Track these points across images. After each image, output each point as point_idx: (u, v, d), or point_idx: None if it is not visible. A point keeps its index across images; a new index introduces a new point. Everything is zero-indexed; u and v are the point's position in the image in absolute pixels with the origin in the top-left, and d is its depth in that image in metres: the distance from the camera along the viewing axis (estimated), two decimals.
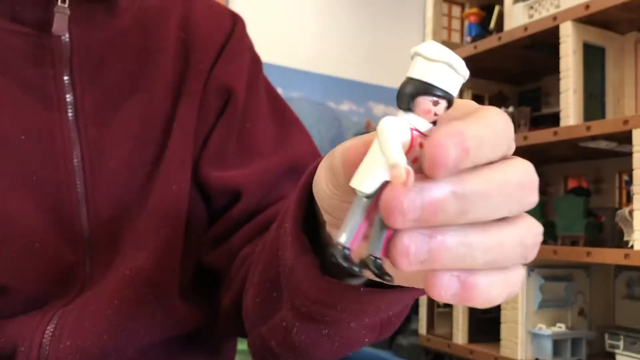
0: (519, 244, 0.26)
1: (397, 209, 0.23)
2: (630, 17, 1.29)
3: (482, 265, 0.25)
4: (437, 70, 0.25)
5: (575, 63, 1.31)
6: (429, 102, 0.25)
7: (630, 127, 1.20)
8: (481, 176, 0.24)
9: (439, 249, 0.24)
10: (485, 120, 0.25)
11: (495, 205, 0.25)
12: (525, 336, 1.37)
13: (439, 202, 0.23)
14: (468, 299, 0.25)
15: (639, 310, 1.40)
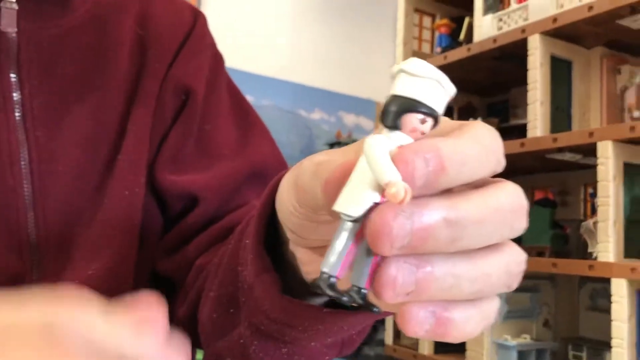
0: (504, 272, 0.25)
1: (386, 234, 0.22)
2: (597, 31, 1.31)
3: (468, 296, 0.24)
4: (423, 87, 0.24)
5: (542, 75, 1.32)
6: (416, 119, 0.24)
7: (595, 139, 1.21)
8: (474, 202, 0.23)
9: (426, 280, 0.23)
10: (469, 136, 0.24)
11: (488, 232, 0.23)
12: (490, 347, 1.37)
13: (430, 229, 0.22)
14: (442, 334, 0.24)
15: (602, 322, 1.41)
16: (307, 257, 0.34)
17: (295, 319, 0.36)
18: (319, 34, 2.73)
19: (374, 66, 2.78)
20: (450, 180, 0.23)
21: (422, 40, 1.74)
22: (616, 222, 1.19)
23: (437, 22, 1.70)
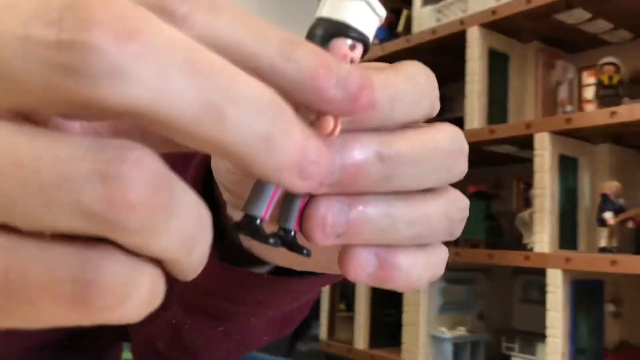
0: (445, 217, 0.23)
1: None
2: (533, 26, 1.32)
3: (406, 240, 0.22)
4: (352, 9, 0.21)
5: (480, 68, 1.33)
6: (346, 45, 0.21)
7: (532, 131, 1.23)
8: (409, 139, 0.22)
9: (359, 220, 0.21)
10: (404, 73, 0.22)
11: (424, 172, 0.22)
12: (426, 340, 1.37)
13: (361, 164, 0.20)
14: (387, 279, 0.22)
15: (534, 313, 1.43)
16: None
17: (234, 290, 0.33)
18: None
19: None
20: (382, 116, 0.21)
21: None
22: (552, 213, 1.20)
23: None
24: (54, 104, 0.15)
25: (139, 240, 0.15)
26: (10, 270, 0.14)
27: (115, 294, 0.15)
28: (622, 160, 1.33)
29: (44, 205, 0.14)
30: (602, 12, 1.23)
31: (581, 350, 1.18)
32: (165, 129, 0.16)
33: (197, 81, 0.15)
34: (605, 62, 1.24)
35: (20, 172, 0.14)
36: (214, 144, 0.16)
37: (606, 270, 1.09)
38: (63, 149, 0.15)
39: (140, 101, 0.15)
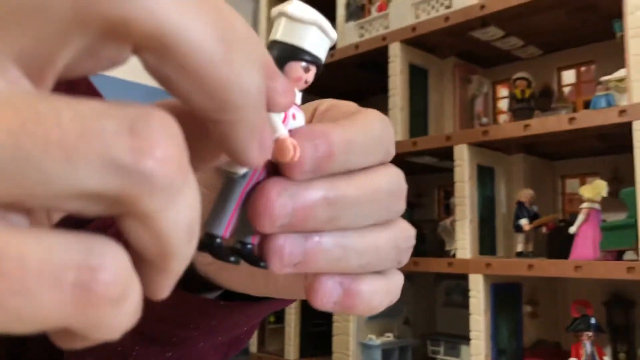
0: (393, 247, 0.25)
1: (268, 213, 0.21)
2: (451, 42, 1.39)
3: (357, 268, 0.24)
4: (306, 33, 0.23)
5: (402, 82, 1.37)
6: (300, 68, 0.23)
7: (452, 143, 1.28)
8: (353, 183, 0.23)
9: (314, 251, 0.23)
10: (361, 123, 0.24)
11: (365, 212, 0.24)
12: (356, 348, 1.39)
13: (310, 208, 0.22)
14: (351, 306, 0.24)
15: (456, 317, 1.49)
16: None
17: (187, 316, 0.33)
18: None
19: None
20: (337, 166, 0.23)
21: None
22: (472, 221, 1.26)
23: None
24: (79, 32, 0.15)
25: (160, 202, 0.15)
26: (6, 254, 0.13)
27: (118, 286, 0.14)
28: (534, 169, 1.41)
29: (66, 161, 0.14)
30: (514, 30, 1.31)
31: (502, 350, 1.24)
32: (180, 63, 0.16)
33: (214, 13, 0.16)
34: (517, 77, 1.32)
35: (40, 127, 0.13)
36: (218, 81, 0.17)
37: (524, 274, 1.16)
38: (84, 105, 0.14)
39: (167, 24, 0.15)
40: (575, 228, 1.14)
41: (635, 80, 1.04)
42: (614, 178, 1.31)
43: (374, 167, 0.25)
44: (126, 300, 0.15)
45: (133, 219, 0.15)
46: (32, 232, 0.14)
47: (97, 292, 0.14)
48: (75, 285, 0.14)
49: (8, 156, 0.13)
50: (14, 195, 0.14)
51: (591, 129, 1.11)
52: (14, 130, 0.13)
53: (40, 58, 0.15)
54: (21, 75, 0.15)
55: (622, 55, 1.11)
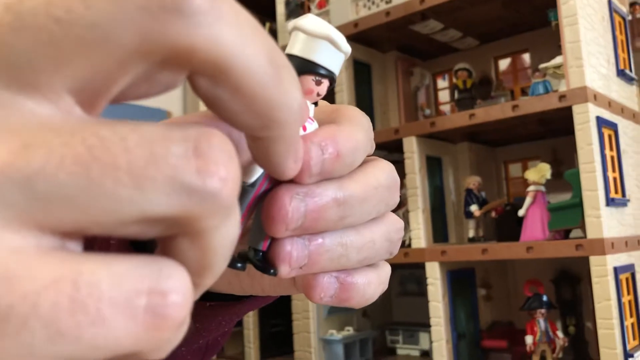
0: (386, 239, 0.26)
1: (281, 217, 0.22)
2: (391, 36, 1.41)
3: (356, 263, 0.25)
4: (318, 47, 0.24)
5: (347, 78, 1.39)
6: (312, 81, 0.24)
7: (400, 135, 1.30)
8: (358, 181, 0.24)
9: (318, 253, 0.24)
10: (355, 122, 0.25)
11: (369, 209, 0.25)
12: (317, 344, 1.40)
13: (322, 210, 0.23)
14: (347, 299, 0.25)
15: (412, 305, 1.53)
16: None
17: None
18: None
19: None
20: (344, 166, 0.23)
21: None
22: (424, 211, 1.29)
23: None
24: (141, 61, 0.15)
25: (218, 220, 0.15)
26: (80, 283, 0.13)
27: (185, 308, 0.14)
28: (479, 156, 1.46)
29: (136, 187, 0.14)
30: (453, 23, 1.34)
31: (461, 334, 1.27)
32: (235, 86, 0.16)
33: (263, 39, 0.17)
34: (459, 67, 1.36)
35: (108, 154, 0.13)
36: (268, 100, 0.17)
37: (478, 258, 1.19)
38: (146, 129, 0.14)
39: (229, 51, 0.16)
40: (524, 211, 1.18)
41: (572, 67, 1.09)
42: (554, 160, 1.37)
43: (368, 162, 0.26)
44: (186, 322, 0.15)
45: (185, 237, 0.16)
46: (102, 259, 0.14)
47: (168, 316, 0.14)
48: (148, 310, 0.14)
49: (79, 186, 0.13)
50: (81, 224, 0.14)
51: (533, 115, 1.15)
52: (81, 158, 0.13)
53: (96, 86, 0.15)
54: (74, 103, 0.15)
55: (555, 43, 1.16)
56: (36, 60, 0.14)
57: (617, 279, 1.04)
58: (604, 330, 1.02)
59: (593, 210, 1.04)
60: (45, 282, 0.13)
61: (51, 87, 0.14)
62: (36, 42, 0.14)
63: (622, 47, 1.28)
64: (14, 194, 0.13)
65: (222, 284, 0.33)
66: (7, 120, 0.14)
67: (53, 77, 0.14)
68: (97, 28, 0.14)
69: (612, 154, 1.14)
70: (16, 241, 0.13)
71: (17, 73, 0.14)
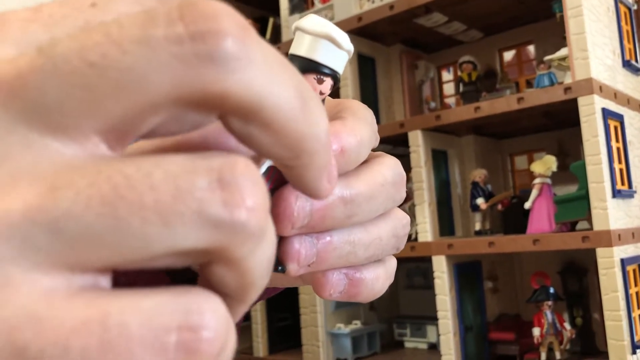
0: (392, 235, 0.26)
1: (287, 216, 0.22)
2: (395, 29, 1.40)
3: (363, 260, 0.25)
4: (318, 45, 0.24)
5: (352, 72, 1.38)
6: (314, 80, 0.24)
7: (405, 129, 1.30)
8: (364, 179, 0.24)
9: (326, 251, 0.24)
10: (358, 116, 0.25)
11: (376, 206, 0.25)
12: (325, 338, 1.40)
13: (328, 208, 0.23)
14: (355, 294, 0.25)
15: (419, 299, 1.53)
16: None
17: None
18: None
19: None
20: (349, 162, 0.23)
21: None
22: (430, 204, 1.29)
23: None
24: (172, 102, 0.15)
25: (250, 247, 0.15)
26: (109, 324, 0.13)
27: (219, 340, 0.14)
28: (484, 149, 1.46)
29: (164, 224, 0.14)
30: (457, 15, 1.34)
31: (468, 327, 1.28)
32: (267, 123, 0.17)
33: (291, 74, 0.17)
34: (463, 60, 1.35)
35: (134, 192, 0.14)
36: (297, 133, 0.17)
37: (485, 251, 1.19)
38: (170, 162, 0.14)
39: (261, 94, 0.16)
40: (530, 203, 1.18)
41: (577, 58, 1.09)
42: (560, 152, 1.36)
43: (373, 159, 0.26)
44: (227, 348, 0.15)
45: (220, 264, 0.16)
46: (131, 296, 0.14)
47: (201, 350, 0.14)
48: (178, 347, 0.14)
49: (107, 226, 0.13)
50: (111, 262, 0.14)
51: (538, 107, 1.15)
52: (107, 198, 0.14)
53: (125, 127, 0.15)
54: (101, 141, 0.15)
55: (560, 34, 1.16)
56: (67, 104, 0.14)
57: (624, 270, 1.04)
58: (611, 321, 1.02)
59: (599, 202, 1.04)
60: (75, 324, 0.13)
61: (80, 129, 0.15)
62: (68, 86, 0.14)
63: (627, 37, 1.28)
64: (42, 237, 0.13)
65: None
66: (34, 163, 0.14)
67: (83, 120, 0.15)
68: (132, 73, 0.14)
69: (618, 146, 1.13)
70: (46, 283, 0.13)
71: (47, 116, 0.14)
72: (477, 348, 1.29)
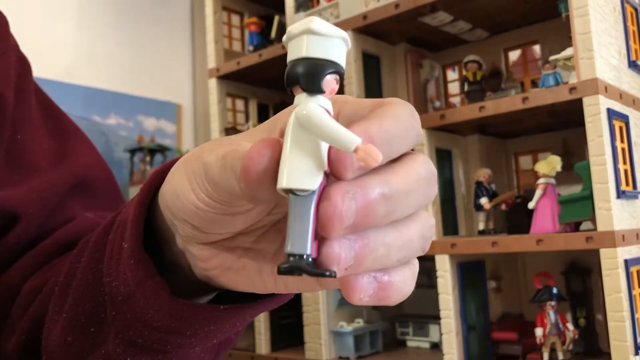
0: (421, 237, 0.27)
1: (337, 217, 0.23)
2: (400, 28, 1.40)
3: (395, 262, 0.26)
4: (335, 47, 0.24)
5: (357, 71, 1.38)
6: (334, 80, 0.24)
7: None
8: (401, 176, 0.25)
9: (363, 254, 0.24)
10: (390, 114, 0.25)
11: (413, 202, 0.25)
12: (328, 336, 1.41)
13: (371, 206, 0.23)
14: (385, 297, 0.26)
15: (422, 298, 1.52)
16: (207, 253, 0.32)
17: (186, 323, 0.34)
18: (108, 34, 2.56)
19: (170, 67, 2.69)
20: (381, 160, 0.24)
21: (232, 38, 1.72)
22: (434, 203, 1.29)
23: (246, 20, 1.69)
24: None
25: None
26: None
27: None
28: (489, 149, 1.46)
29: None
30: (462, 14, 1.34)
31: (471, 326, 1.27)
32: None
33: None
34: (469, 60, 1.35)
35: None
36: None
37: (488, 251, 1.19)
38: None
39: None
40: (534, 203, 1.18)
41: (583, 58, 1.08)
42: (565, 152, 1.36)
43: (407, 156, 0.26)
44: None
45: None
46: None
47: None
48: None
49: None
50: None
51: (543, 107, 1.15)
52: None
53: None
54: None
55: (565, 34, 1.16)
56: None
57: (627, 271, 1.04)
58: (615, 322, 1.02)
59: (604, 202, 1.04)
60: None
61: None
62: None
63: (634, 38, 1.27)
64: None
65: (243, 283, 0.33)
66: None
67: None
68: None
69: (623, 146, 1.13)
70: None
71: None
72: (479, 347, 1.29)
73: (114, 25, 2.58)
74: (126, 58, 2.60)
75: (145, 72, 2.66)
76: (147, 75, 2.66)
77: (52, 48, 2.38)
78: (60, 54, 2.42)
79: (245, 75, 1.65)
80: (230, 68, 1.64)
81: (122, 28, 2.61)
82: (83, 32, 2.50)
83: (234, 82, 1.70)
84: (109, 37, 2.57)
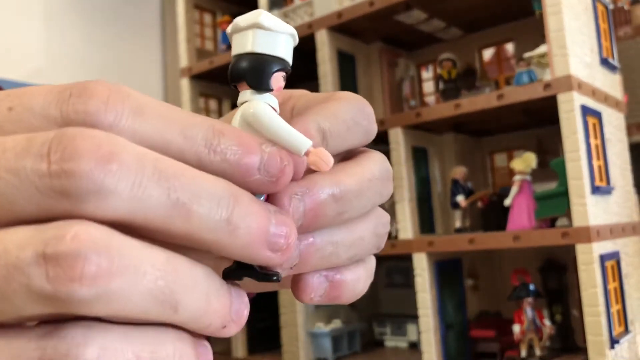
0: (374, 234, 0.26)
1: None
2: (375, 26, 1.40)
3: (345, 260, 0.25)
4: (282, 42, 0.23)
5: (332, 70, 1.37)
6: (281, 78, 0.23)
7: (386, 127, 1.30)
8: (352, 175, 0.24)
9: (309, 252, 0.23)
10: (331, 110, 0.25)
11: (365, 202, 0.24)
12: (305, 338, 1.39)
13: (320, 207, 0.23)
14: (337, 296, 0.25)
15: (399, 297, 1.52)
16: None
17: None
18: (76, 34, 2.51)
19: (141, 67, 2.65)
20: (330, 150, 0.23)
21: (204, 37, 1.70)
22: (410, 202, 1.29)
23: (219, 19, 1.67)
24: None
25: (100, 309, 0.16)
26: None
27: None
28: (464, 147, 1.46)
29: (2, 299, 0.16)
30: (437, 13, 1.34)
31: (449, 325, 1.27)
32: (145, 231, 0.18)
33: (166, 185, 0.18)
34: (443, 58, 1.35)
35: None
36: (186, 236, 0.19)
37: (465, 249, 1.19)
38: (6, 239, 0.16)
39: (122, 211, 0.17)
40: (510, 200, 1.18)
41: (557, 55, 1.09)
42: (540, 150, 1.37)
43: (360, 155, 0.26)
44: None
45: None
46: None
47: None
48: None
49: None
50: None
51: (518, 104, 1.15)
52: None
53: None
54: None
55: (539, 33, 1.16)
56: None
57: (603, 266, 1.04)
58: (591, 317, 1.02)
59: (579, 198, 1.05)
60: None
61: None
62: None
63: (605, 36, 1.29)
64: None
65: None
66: None
67: None
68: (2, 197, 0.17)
69: (597, 143, 1.14)
70: None
71: None
72: (457, 346, 1.29)
73: (82, 24, 2.54)
74: (95, 58, 2.55)
75: (115, 73, 2.61)
76: (117, 75, 2.61)
77: (18, 49, 2.33)
78: (27, 55, 2.36)
79: (218, 75, 1.63)
80: (202, 67, 1.62)
81: (90, 27, 2.56)
82: (50, 32, 2.44)
83: (206, 81, 1.67)
84: (77, 37, 2.52)
